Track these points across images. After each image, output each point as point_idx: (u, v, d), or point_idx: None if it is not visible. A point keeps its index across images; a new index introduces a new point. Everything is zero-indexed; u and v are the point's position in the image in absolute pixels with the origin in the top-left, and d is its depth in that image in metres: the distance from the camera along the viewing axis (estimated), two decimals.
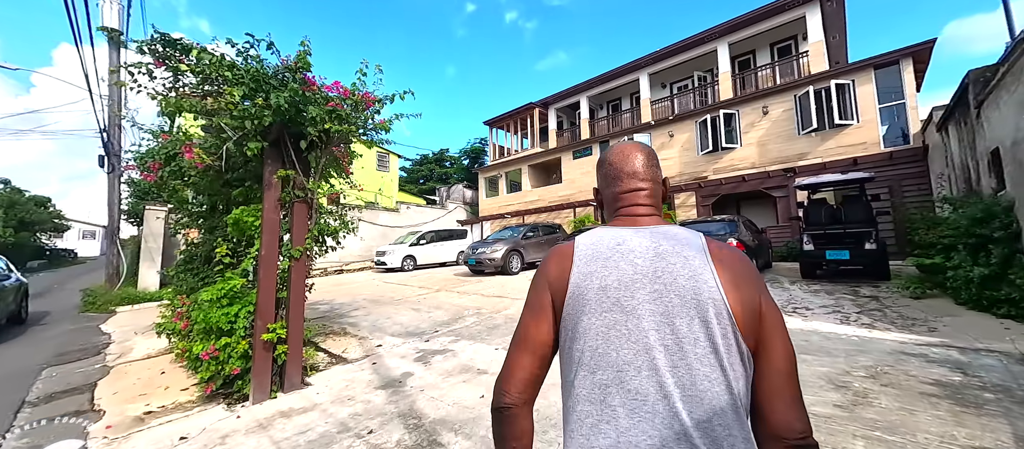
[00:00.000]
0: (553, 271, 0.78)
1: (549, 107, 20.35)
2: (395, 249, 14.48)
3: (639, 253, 0.73)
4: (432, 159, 38.21)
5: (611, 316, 0.69)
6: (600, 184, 0.92)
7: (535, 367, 0.76)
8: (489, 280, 10.09)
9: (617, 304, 0.69)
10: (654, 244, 0.73)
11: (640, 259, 0.72)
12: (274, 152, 3.59)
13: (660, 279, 0.69)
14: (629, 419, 0.65)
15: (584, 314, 0.71)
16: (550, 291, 0.77)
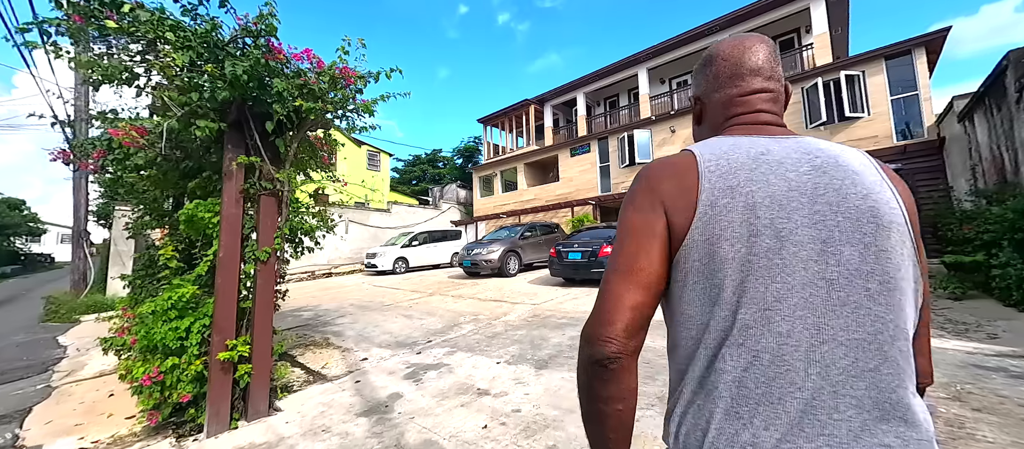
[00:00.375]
0: (668, 186, 0.62)
1: (545, 104, 19.89)
2: (386, 251, 13.89)
3: (790, 165, 0.59)
4: (425, 159, 37.62)
5: (761, 242, 0.55)
6: (704, 88, 0.76)
7: (648, 305, 0.60)
8: (486, 283, 9.57)
9: (770, 227, 0.56)
10: (807, 155, 0.60)
11: (793, 173, 0.58)
12: (235, 136, 3.04)
13: (822, 197, 0.57)
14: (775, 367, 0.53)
15: (723, 240, 0.56)
16: (666, 212, 0.61)
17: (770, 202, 0.56)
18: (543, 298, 6.99)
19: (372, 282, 11.44)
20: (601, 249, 7.67)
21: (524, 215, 17.40)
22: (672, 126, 13.16)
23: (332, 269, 15.11)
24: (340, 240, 15.98)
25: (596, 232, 8.76)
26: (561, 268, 8.22)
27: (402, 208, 18.75)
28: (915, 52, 9.20)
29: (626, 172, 14.33)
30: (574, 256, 8.02)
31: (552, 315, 5.61)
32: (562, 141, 17.43)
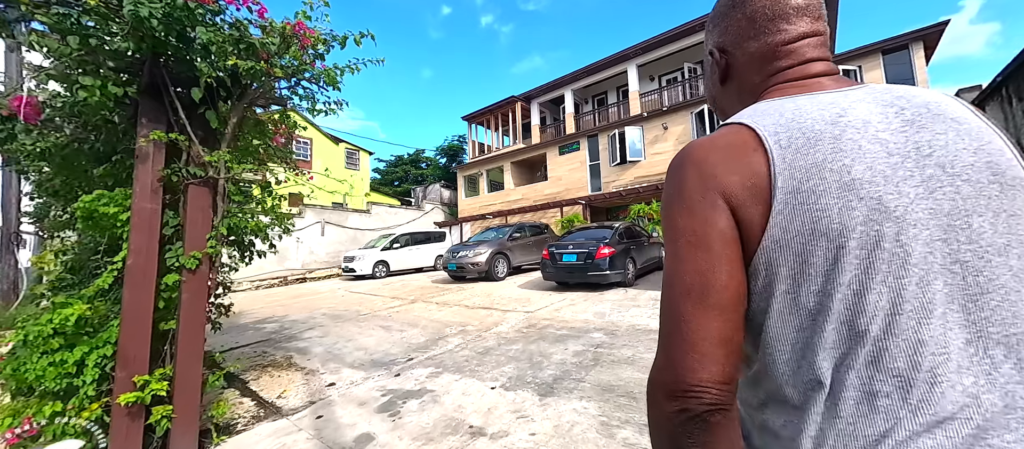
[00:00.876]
0: (728, 173, 0.47)
1: (532, 101, 19.40)
2: (365, 254, 13.08)
3: (878, 124, 0.47)
4: (407, 160, 36.65)
5: (871, 229, 0.43)
6: (731, 37, 0.61)
7: (738, 332, 0.46)
8: (472, 288, 8.94)
9: (878, 208, 0.43)
10: (892, 107, 0.48)
11: (886, 132, 0.46)
12: (151, 106, 2.35)
13: (930, 158, 0.45)
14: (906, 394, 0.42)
15: (819, 234, 0.44)
16: (731, 207, 0.47)
17: (871, 175, 0.44)
18: (537, 304, 6.42)
19: (349, 288, 10.64)
20: (598, 250, 7.16)
21: (511, 216, 16.83)
22: (664, 123, 12.83)
23: (307, 274, 14.17)
24: (316, 243, 15.03)
25: (589, 232, 8.25)
26: (555, 271, 7.67)
27: (383, 209, 17.90)
28: (913, 46, 9.08)
29: (617, 170, 13.93)
30: (569, 258, 7.48)
31: (549, 325, 5.04)
32: (550, 139, 16.95)
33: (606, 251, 7.14)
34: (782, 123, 0.48)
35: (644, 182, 13.13)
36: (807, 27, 0.56)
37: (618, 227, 8.15)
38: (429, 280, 11.38)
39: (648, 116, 13.20)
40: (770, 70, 0.57)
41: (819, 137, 0.46)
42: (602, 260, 7.10)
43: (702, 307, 0.46)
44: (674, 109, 12.67)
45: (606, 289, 7.39)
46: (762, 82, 0.58)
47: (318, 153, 18.44)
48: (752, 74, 0.59)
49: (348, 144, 19.84)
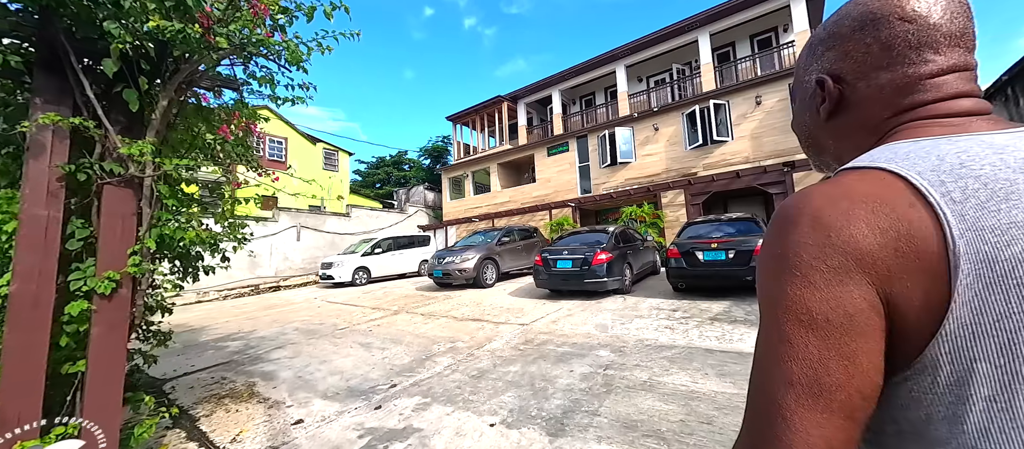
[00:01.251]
0: (870, 233, 0.38)
1: (518, 101, 19.03)
2: (345, 260, 12.39)
3: None
4: (389, 162, 35.79)
5: None
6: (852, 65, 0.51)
7: (850, 446, 0.38)
8: (460, 295, 8.44)
9: None
10: None
11: None
12: (50, 82, 1.80)
13: None
14: None
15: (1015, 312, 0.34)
16: (875, 279, 0.37)
17: None
18: (532, 315, 5.98)
19: (327, 297, 9.96)
20: (594, 256, 6.77)
21: (498, 219, 16.38)
22: (655, 124, 12.63)
23: (281, 282, 13.35)
24: (292, 249, 14.21)
25: (583, 237, 7.88)
26: (548, 278, 7.25)
27: (363, 212, 17.16)
28: None
29: (607, 172, 13.66)
30: (564, 265, 7.07)
31: (549, 340, 4.60)
32: (538, 140, 16.61)
33: (603, 257, 6.77)
34: (946, 169, 0.40)
35: (635, 184, 12.89)
36: (958, 59, 0.47)
37: (613, 231, 7.80)
38: (413, 287, 10.80)
39: (639, 116, 12.99)
40: (905, 105, 0.48)
41: (1010, 189, 0.37)
42: (599, 267, 6.72)
43: (811, 406, 0.37)
44: (665, 110, 12.49)
45: (603, 297, 7.01)
46: (891, 118, 0.49)
47: (294, 153, 17.58)
48: (878, 108, 0.50)
49: (326, 144, 19.03)
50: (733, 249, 5.88)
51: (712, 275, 5.96)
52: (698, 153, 11.75)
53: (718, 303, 5.83)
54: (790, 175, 10.00)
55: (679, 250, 6.33)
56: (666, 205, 11.96)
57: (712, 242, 6.05)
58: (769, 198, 10.95)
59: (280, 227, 13.98)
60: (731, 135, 11.21)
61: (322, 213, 15.76)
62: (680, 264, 6.28)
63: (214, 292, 11.44)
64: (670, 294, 6.95)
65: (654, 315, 5.42)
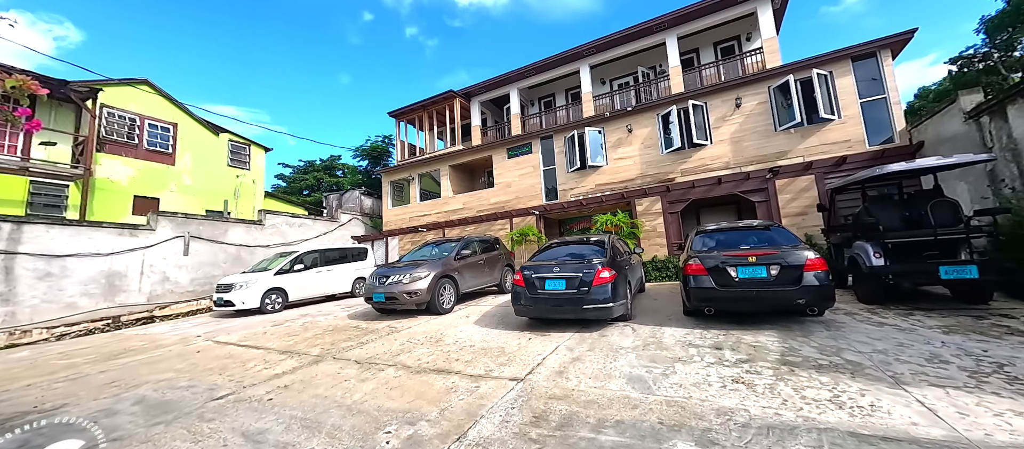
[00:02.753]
0: None
1: (472, 99, 17.36)
2: (252, 280, 9.61)
3: None
4: (320, 166, 31.98)
5: None
6: None
7: None
8: (410, 326, 6.40)
9: None
10: None
11: None
12: None
13: None
14: None
15: None
16: None
17: None
18: (521, 360, 4.23)
19: (218, 333, 7.28)
20: (596, 275, 5.23)
21: (450, 228, 14.40)
22: (629, 124, 11.67)
23: (156, 310, 10.07)
24: (175, 266, 10.91)
25: (571, 249, 6.34)
26: (533, 304, 5.55)
27: (282, 220, 14.14)
28: (881, 53, 8.99)
29: (575, 176, 12.42)
30: (554, 285, 5.43)
31: (572, 417, 2.89)
32: (495, 140, 15.00)
33: (606, 275, 5.25)
34: None
35: (607, 190, 11.78)
36: None
37: (608, 242, 6.37)
38: (345, 314, 8.46)
39: (611, 116, 11.96)
40: None
41: None
42: (602, 288, 5.18)
43: None
44: (639, 110, 11.60)
45: (602, 326, 5.48)
46: None
47: (187, 144, 14.01)
48: None
49: (235, 136, 15.61)
50: (776, 263, 4.67)
51: (753, 298, 4.68)
52: (675, 157, 10.94)
53: (758, 332, 4.56)
54: (772, 182, 9.45)
55: (705, 266, 4.99)
56: (642, 213, 10.95)
57: (749, 255, 4.80)
58: (750, 207, 10.38)
59: (158, 237, 10.68)
60: (710, 139, 10.54)
61: (224, 220, 12.54)
62: (707, 283, 4.94)
63: (43, 329, 8.07)
64: (682, 319, 5.62)
65: (696, 356, 3.96)
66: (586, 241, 6.47)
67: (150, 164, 12.93)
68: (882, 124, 8.91)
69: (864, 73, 9.13)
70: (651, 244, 10.61)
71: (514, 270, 10.75)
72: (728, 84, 10.52)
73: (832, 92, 9.24)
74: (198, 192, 13.91)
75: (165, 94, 13.38)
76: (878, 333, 4.32)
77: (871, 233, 5.47)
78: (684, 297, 5.57)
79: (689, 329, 5.04)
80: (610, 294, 5.17)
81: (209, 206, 14.22)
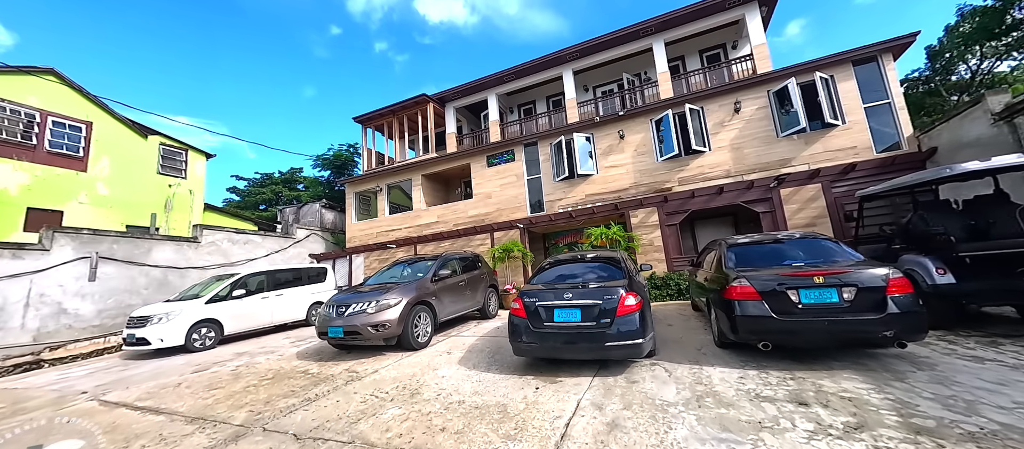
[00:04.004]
0: None
1: (447, 105, 16.20)
2: (175, 311, 7.83)
3: None
4: (279, 179, 29.53)
5: None
6: None
7: None
8: (376, 369, 4.99)
9: None
10: None
11: None
12: None
13: None
14: None
15: None
16: None
17: None
18: (537, 433, 3.00)
19: (112, 387, 5.53)
20: (620, 301, 4.11)
21: (422, 244, 12.97)
22: (621, 130, 10.86)
23: (45, 352, 7.98)
24: (76, 294, 8.83)
25: (579, 267, 5.24)
26: (539, 340, 4.34)
27: (223, 236, 12.19)
28: (882, 57, 8.67)
29: (563, 186, 11.44)
30: (567, 317, 4.26)
31: None
32: (473, 147, 13.84)
33: (632, 302, 4.14)
34: None
35: (598, 200, 10.85)
36: None
37: (620, 257, 5.31)
38: (294, 350, 6.88)
39: (601, 121, 11.13)
40: None
41: None
42: (629, 319, 4.07)
43: None
44: (632, 115, 10.84)
45: (622, 367, 4.35)
46: None
47: (105, 146, 11.83)
48: None
49: (168, 138, 13.51)
50: (849, 285, 3.72)
51: (822, 330, 3.70)
52: (672, 165, 10.19)
53: (833, 374, 3.58)
54: (777, 191, 8.83)
55: (756, 288, 3.99)
56: (637, 225, 10.06)
57: (814, 275, 3.83)
58: (748, 218, 9.74)
59: (55, 259, 8.60)
60: (709, 145, 9.88)
61: (149, 237, 10.51)
62: (760, 311, 3.93)
63: None
64: (718, 354, 4.60)
65: (781, 419, 2.88)
66: (598, 259, 5.37)
67: (52, 170, 10.73)
68: (887, 130, 8.52)
69: (866, 77, 8.78)
70: (648, 259, 9.71)
71: (498, 291, 9.51)
72: (725, 88, 9.96)
73: (835, 96, 8.81)
74: (117, 204, 11.75)
75: (77, 87, 11.28)
76: (988, 373, 3.43)
77: (931, 245, 4.70)
78: (720, 326, 4.55)
79: (739, 370, 3.99)
80: (639, 326, 4.05)
81: (132, 220, 12.05)
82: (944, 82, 21.15)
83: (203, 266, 11.34)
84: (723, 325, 4.46)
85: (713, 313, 5.02)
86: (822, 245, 4.60)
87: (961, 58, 19.32)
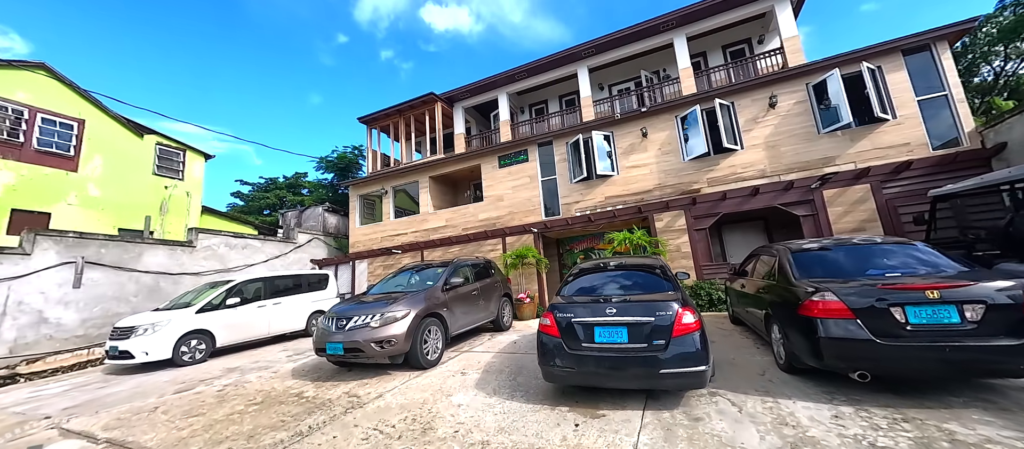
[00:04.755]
0: None
1: (455, 104, 15.62)
2: (163, 321, 7.22)
3: None
4: (283, 184, 29.07)
5: None
6: None
7: None
8: (377, 392, 4.30)
9: None
10: None
11: None
12: None
13: None
14: None
15: None
16: None
17: None
18: None
19: (82, 410, 4.89)
20: (676, 319, 3.41)
21: (430, 250, 12.31)
22: (644, 127, 10.18)
23: (22, 364, 7.37)
24: (59, 302, 8.24)
25: (618, 277, 4.52)
26: (576, 364, 3.62)
27: (220, 240, 11.61)
28: (937, 45, 7.95)
29: (581, 188, 10.75)
30: (612, 336, 3.55)
31: None
32: (484, 148, 13.20)
33: (691, 320, 3.44)
34: None
35: (619, 203, 10.14)
36: None
37: (661, 264, 4.60)
38: (290, 366, 6.23)
39: (622, 118, 10.45)
40: None
41: None
42: (688, 340, 3.37)
43: None
44: (655, 111, 10.15)
45: (676, 399, 3.63)
46: None
47: (98, 145, 11.33)
48: None
49: (165, 138, 13.01)
50: (974, 303, 2.99)
51: (938, 357, 2.96)
52: (700, 164, 9.48)
53: (954, 413, 2.84)
54: (820, 192, 8.08)
55: (850, 307, 3.26)
56: (662, 230, 9.33)
57: (926, 289, 3.10)
58: (784, 223, 8.98)
59: (36, 264, 8.04)
60: (740, 143, 9.16)
61: (142, 241, 9.94)
62: (856, 334, 3.20)
63: None
64: (789, 381, 3.86)
65: None
66: (637, 266, 4.66)
67: (40, 169, 10.22)
68: (944, 125, 7.77)
69: (918, 68, 8.04)
70: (675, 267, 8.96)
71: (512, 301, 8.80)
72: (759, 81, 9.25)
73: (884, 89, 8.08)
74: (110, 206, 11.22)
75: (69, 82, 10.82)
76: None
77: None
78: (791, 348, 3.82)
79: (828, 405, 3.25)
80: (700, 349, 3.34)
81: (125, 223, 11.52)
82: (967, 84, 20.35)
83: (198, 272, 10.75)
84: (797, 347, 3.73)
85: (776, 331, 4.30)
86: (914, 251, 3.87)
87: (985, 60, 18.52)
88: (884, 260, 3.88)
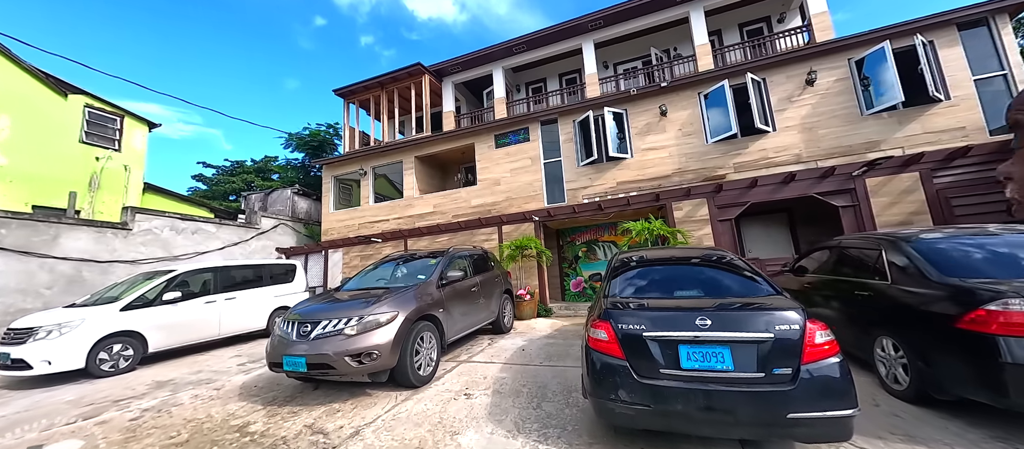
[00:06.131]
0: None
1: (444, 79, 14.21)
2: (75, 320, 5.74)
3: None
4: (251, 168, 26.81)
5: None
6: None
7: None
8: (354, 426, 3.06)
9: None
10: None
11: None
12: None
13: None
14: None
15: None
16: None
17: None
18: None
19: None
20: (806, 337, 2.32)
21: (415, 239, 10.99)
22: (663, 105, 9.13)
23: None
24: None
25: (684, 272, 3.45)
26: (651, 401, 2.49)
27: (164, 223, 9.92)
28: (996, 19, 7.20)
29: (590, 172, 9.64)
30: (710, 361, 2.44)
31: None
32: (479, 126, 11.90)
33: (824, 338, 2.36)
34: None
35: (634, 189, 9.10)
36: None
37: (732, 255, 3.56)
38: (239, 380, 4.90)
39: (638, 94, 9.37)
40: None
41: None
42: (826, 366, 2.30)
43: None
44: (676, 86, 9.12)
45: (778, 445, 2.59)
46: None
47: (3, 102, 9.30)
48: None
49: (95, 100, 11.00)
50: None
51: None
52: (726, 148, 8.53)
53: None
54: (862, 181, 7.25)
55: None
56: (682, 220, 8.35)
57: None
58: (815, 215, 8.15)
59: None
60: (772, 125, 8.24)
61: (56, 222, 8.19)
62: None
63: None
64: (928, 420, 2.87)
65: None
66: (705, 260, 3.58)
67: None
68: (1003, 107, 7.04)
69: (974, 44, 7.30)
70: None
71: (513, 298, 7.66)
72: (795, 54, 8.35)
73: (934, 67, 7.29)
74: (20, 177, 9.29)
75: None
76: None
77: None
78: (933, 375, 2.84)
79: None
80: (843, 380, 2.27)
81: (42, 199, 9.64)
82: None
83: (134, 260, 9.08)
84: (948, 374, 2.74)
85: (888, 349, 3.32)
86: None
87: None
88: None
